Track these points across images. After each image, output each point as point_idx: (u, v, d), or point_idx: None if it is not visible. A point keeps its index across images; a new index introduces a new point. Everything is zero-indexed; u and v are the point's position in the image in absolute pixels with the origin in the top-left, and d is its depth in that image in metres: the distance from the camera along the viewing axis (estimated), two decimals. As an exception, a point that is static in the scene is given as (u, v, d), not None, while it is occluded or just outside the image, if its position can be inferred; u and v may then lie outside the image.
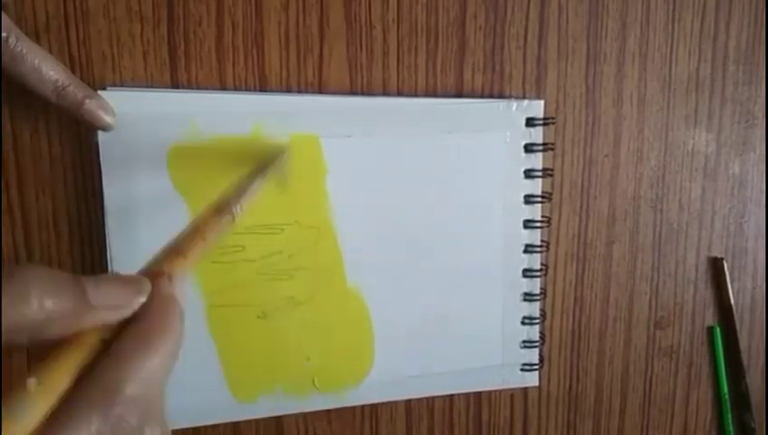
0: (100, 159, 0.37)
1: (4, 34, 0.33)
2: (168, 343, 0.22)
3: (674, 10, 0.47)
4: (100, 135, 0.37)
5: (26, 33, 0.34)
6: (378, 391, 0.45)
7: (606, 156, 0.48)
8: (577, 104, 0.47)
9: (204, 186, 0.39)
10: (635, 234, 0.50)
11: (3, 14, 0.33)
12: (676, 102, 0.49)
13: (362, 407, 0.46)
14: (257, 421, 0.44)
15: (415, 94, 0.43)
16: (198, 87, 0.39)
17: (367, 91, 0.42)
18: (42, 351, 0.20)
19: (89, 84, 0.36)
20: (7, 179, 0.38)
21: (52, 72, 0.34)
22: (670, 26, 0.48)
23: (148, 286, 0.23)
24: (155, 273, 0.24)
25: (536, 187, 0.45)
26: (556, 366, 0.50)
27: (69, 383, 0.20)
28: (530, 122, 0.44)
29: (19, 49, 0.33)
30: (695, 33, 0.48)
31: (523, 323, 0.47)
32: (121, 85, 0.38)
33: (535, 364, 0.48)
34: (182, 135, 0.38)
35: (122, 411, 0.20)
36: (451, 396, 0.48)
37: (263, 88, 0.41)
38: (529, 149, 0.45)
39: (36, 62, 0.34)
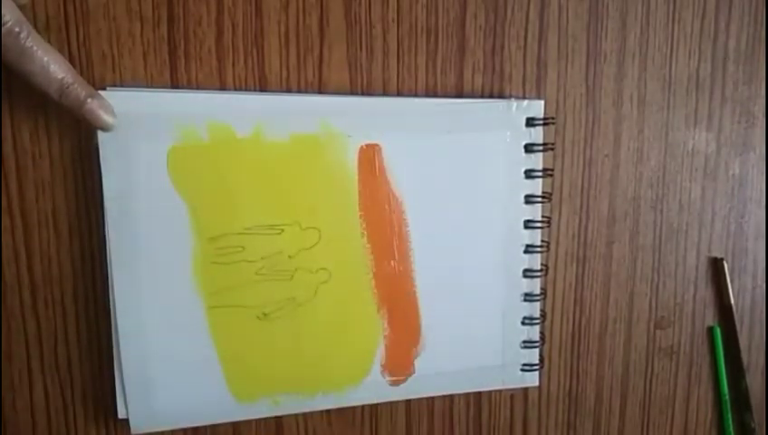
0: (100, 159, 0.37)
1: (16, 29, 0.32)
2: None
3: (674, 10, 0.47)
4: (100, 135, 0.37)
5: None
6: (378, 391, 0.45)
7: (606, 156, 0.48)
8: (577, 104, 0.47)
9: (203, 186, 0.39)
10: (635, 234, 0.50)
11: (16, 8, 0.33)
12: (676, 102, 0.49)
13: (362, 407, 0.46)
14: (257, 421, 0.44)
15: (415, 94, 0.43)
16: (198, 87, 0.39)
17: (367, 92, 0.42)
18: None
19: (89, 84, 0.36)
20: (7, 179, 0.38)
21: (58, 71, 0.34)
22: (670, 26, 0.48)
23: None
24: None
25: (536, 187, 0.45)
26: (556, 366, 0.50)
27: None
28: (530, 122, 0.44)
29: (30, 45, 0.33)
30: (695, 33, 0.48)
31: (523, 323, 0.47)
32: (121, 85, 0.38)
33: (535, 364, 0.48)
34: (182, 135, 0.38)
35: None
36: (451, 396, 0.48)
37: (263, 88, 0.41)
38: (529, 149, 0.45)
39: (45, 59, 0.33)
